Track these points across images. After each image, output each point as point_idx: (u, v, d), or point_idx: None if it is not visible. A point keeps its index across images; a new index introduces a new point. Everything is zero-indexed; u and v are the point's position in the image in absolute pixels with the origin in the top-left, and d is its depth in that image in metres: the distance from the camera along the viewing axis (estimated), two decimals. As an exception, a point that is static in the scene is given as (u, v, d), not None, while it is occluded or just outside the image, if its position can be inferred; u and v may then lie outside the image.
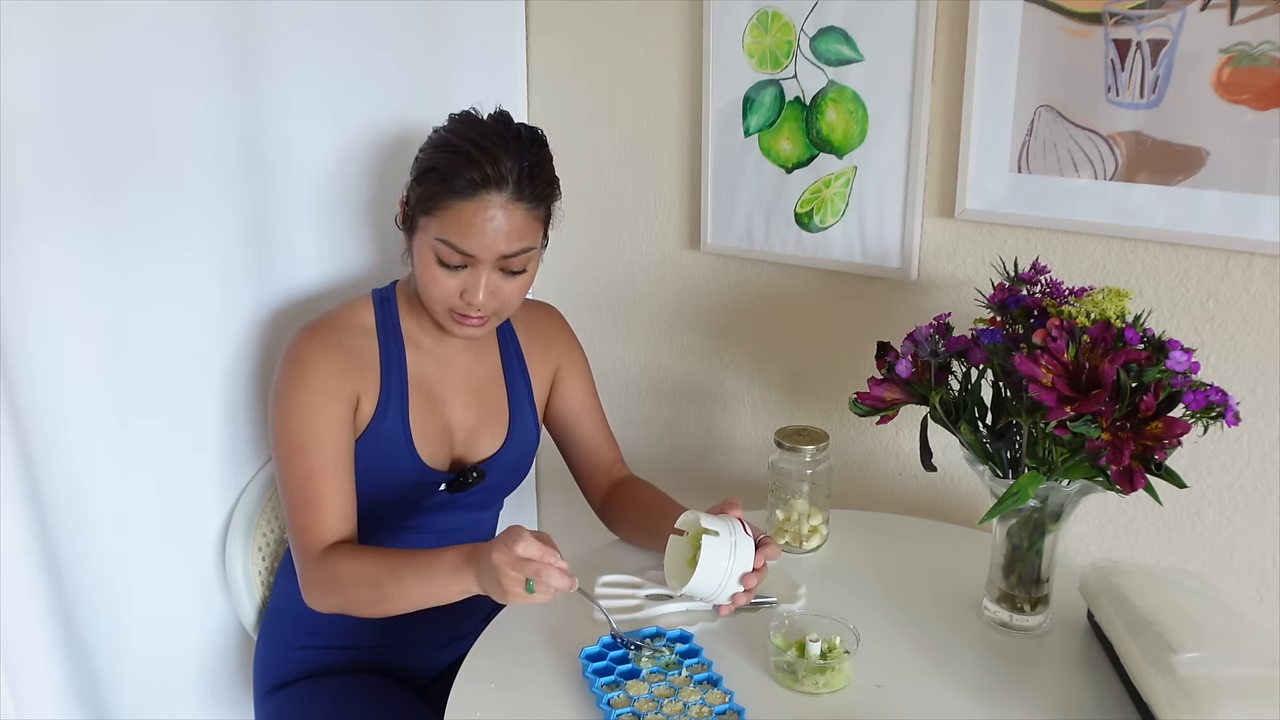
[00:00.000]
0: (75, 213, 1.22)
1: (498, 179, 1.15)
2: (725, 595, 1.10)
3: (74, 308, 1.24)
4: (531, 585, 1.02)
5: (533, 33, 1.78)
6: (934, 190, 1.43)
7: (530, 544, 1.03)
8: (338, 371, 1.23)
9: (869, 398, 1.15)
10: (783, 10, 1.48)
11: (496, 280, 1.20)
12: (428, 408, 1.30)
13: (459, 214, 1.16)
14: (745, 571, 1.09)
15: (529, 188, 1.18)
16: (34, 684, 1.28)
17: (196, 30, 1.29)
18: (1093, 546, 1.43)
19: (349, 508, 1.22)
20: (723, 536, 1.08)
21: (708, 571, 1.07)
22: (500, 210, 1.16)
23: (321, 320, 1.27)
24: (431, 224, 1.18)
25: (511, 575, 1.02)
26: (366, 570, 1.15)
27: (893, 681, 1.08)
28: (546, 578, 1.02)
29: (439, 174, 1.17)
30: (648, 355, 1.82)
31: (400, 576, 1.12)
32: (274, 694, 1.35)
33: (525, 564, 1.02)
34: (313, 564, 1.19)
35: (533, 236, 1.21)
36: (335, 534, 1.20)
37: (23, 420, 1.22)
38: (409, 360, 1.29)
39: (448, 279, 1.19)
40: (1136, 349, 0.97)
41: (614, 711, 1.00)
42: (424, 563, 1.12)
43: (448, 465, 1.32)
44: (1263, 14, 1.14)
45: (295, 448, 1.20)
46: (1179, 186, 1.24)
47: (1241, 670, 0.94)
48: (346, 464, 1.23)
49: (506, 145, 1.17)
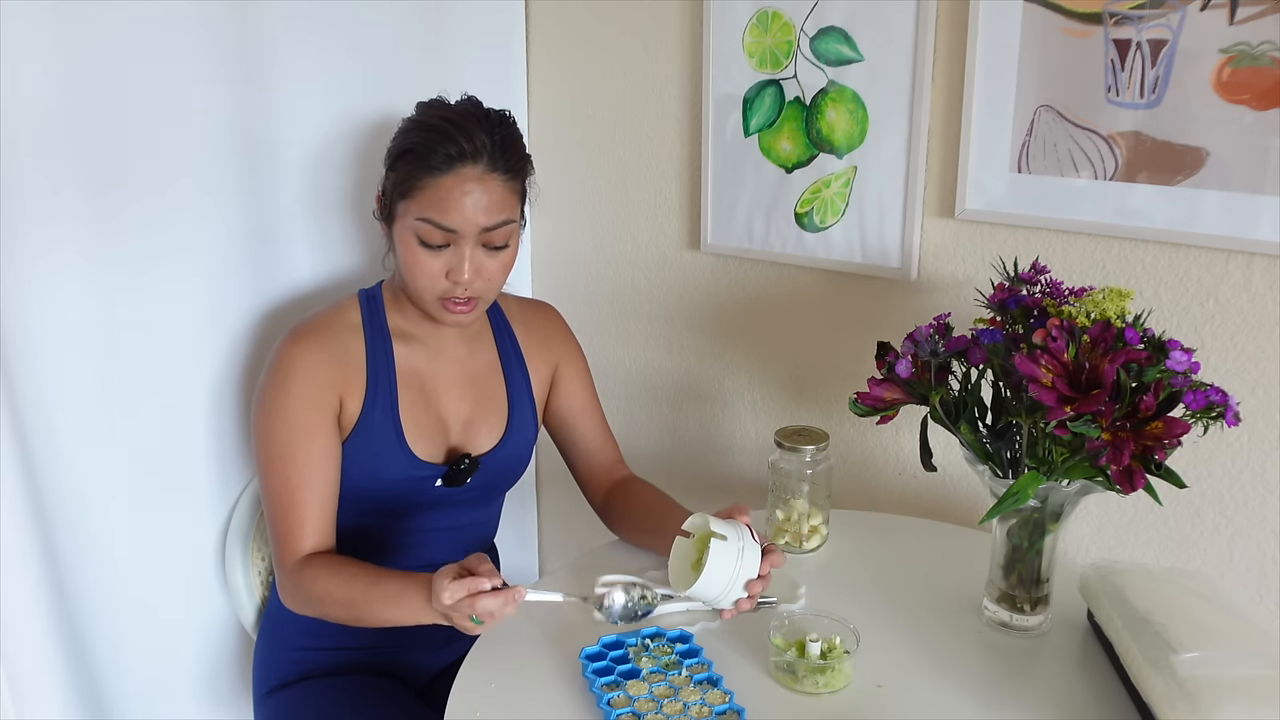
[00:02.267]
0: (75, 213, 1.22)
1: (473, 152, 1.16)
2: (729, 600, 1.09)
3: (74, 309, 1.25)
4: (476, 619, 1.02)
5: (533, 33, 1.78)
6: (934, 190, 1.43)
7: (450, 590, 1.00)
8: (321, 378, 1.22)
9: (869, 398, 1.15)
10: (783, 10, 1.48)
11: (480, 257, 1.21)
12: (420, 400, 1.30)
13: (437, 190, 1.17)
14: (751, 578, 1.08)
15: (503, 159, 1.19)
16: (34, 684, 1.28)
17: (196, 32, 1.29)
18: (1093, 546, 1.43)
19: (327, 519, 1.23)
20: (731, 541, 1.08)
21: (714, 575, 1.07)
22: (477, 183, 1.17)
23: (306, 324, 1.27)
24: (411, 207, 1.19)
25: (457, 619, 1.03)
26: (339, 592, 1.16)
27: (893, 681, 1.08)
28: (482, 609, 1.00)
29: (414, 154, 1.18)
30: (648, 355, 1.82)
31: (371, 602, 1.13)
32: (273, 695, 1.35)
33: (458, 606, 1.01)
34: (289, 573, 1.20)
35: (511, 209, 1.22)
36: (312, 545, 1.21)
37: (23, 420, 1.22)
38: (397, 353, 1.29)
39: (431, 260, 1.19)
40: (1136, 349, 0.97)
41: (614, 711, 1.00)
42: (395, 591, 1.11)
43: (443, 458, 1.32)
44: (1263, 14, 1.14)
45: (276, 456, 1.21)
46: (1179, 186, 1.24)
47: (1241, 670, 0.94)
48: (326, 475, 1.23)
49: (478, 121, 1.18)
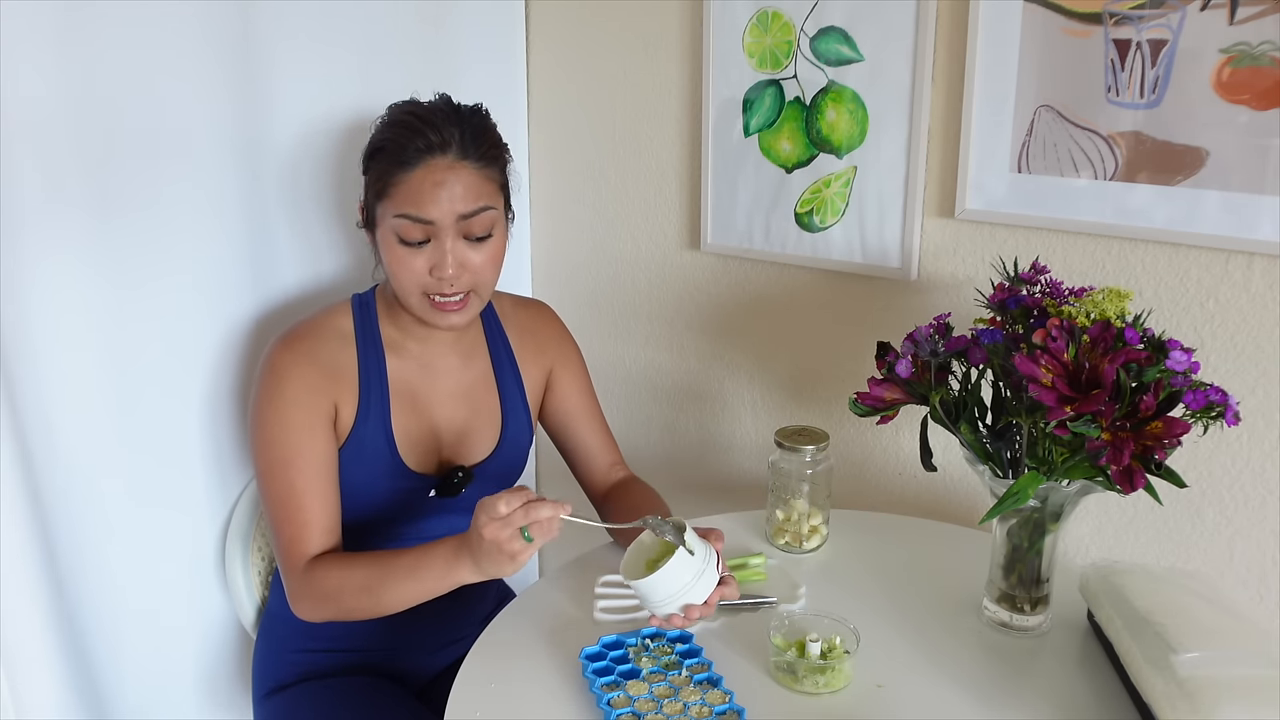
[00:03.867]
0: (75, 213, 1.22)
1: (440, 143, 1.17)
2: (663, 610, 1.06)
3: (73, 309, 1.25)
4: (527, 533, 1.01)
5: (533, 33, 1.78)
6: (934, 190, 1.43)
7: (505, 500, 1.02)
8: (313, 384, 1.22)
9: (869, 398, 1.15)
10: (783, 10, 1.48)
11: (462, 249, 1.19)
12: (412, 412, 1.29)
13: (409, 184, 1.17)
14: (694, 602, 1.05)
15: (475, 147, 1.19)
16: (34, 684, 1.28)
17: (196, 34, 1.29)
18: (1093, 546, 1.43)
19: (333, 519, 1.22)
20: (696, 558, 1.05)
21: (664, 581, 1.03)
22: (449, 171, 1.17)
23: (296, 330, 1.26)
24: (388, 206, 1.18)
25: (507, 535, 1.02)
26: (357, 578, 1.15)
27: (893, 681, 1.07)
28: (535, 514, 1.01)
29: (385, 152, 1.18)
30: (648, 355, 1.82)
31: (392, 578, 1.12)
32: (272, 696, 1.35)
33: (511, 518, 1.01)
34: (300, 578, 1.18)
35: (489, 196, 1.21)
36: (320, 546, 1.20)
37: (23, 420, 1.22)
38: (389, 365, 1.28)
39: (413, 258, 1.19)
40: (1136, 349, 0.97)
41: (614, 711, 1.00)
42: (414, 562, 1.12)
43: (436, 469, 1.31)
44: (1263, 14, 1.14)
45: (276, 462, 1.20)
46: (1179, 186, 1.24)
47: (1241, 670, 0.94)
48: (328, 476, 1.22)
49: (447, 115, 1.19)
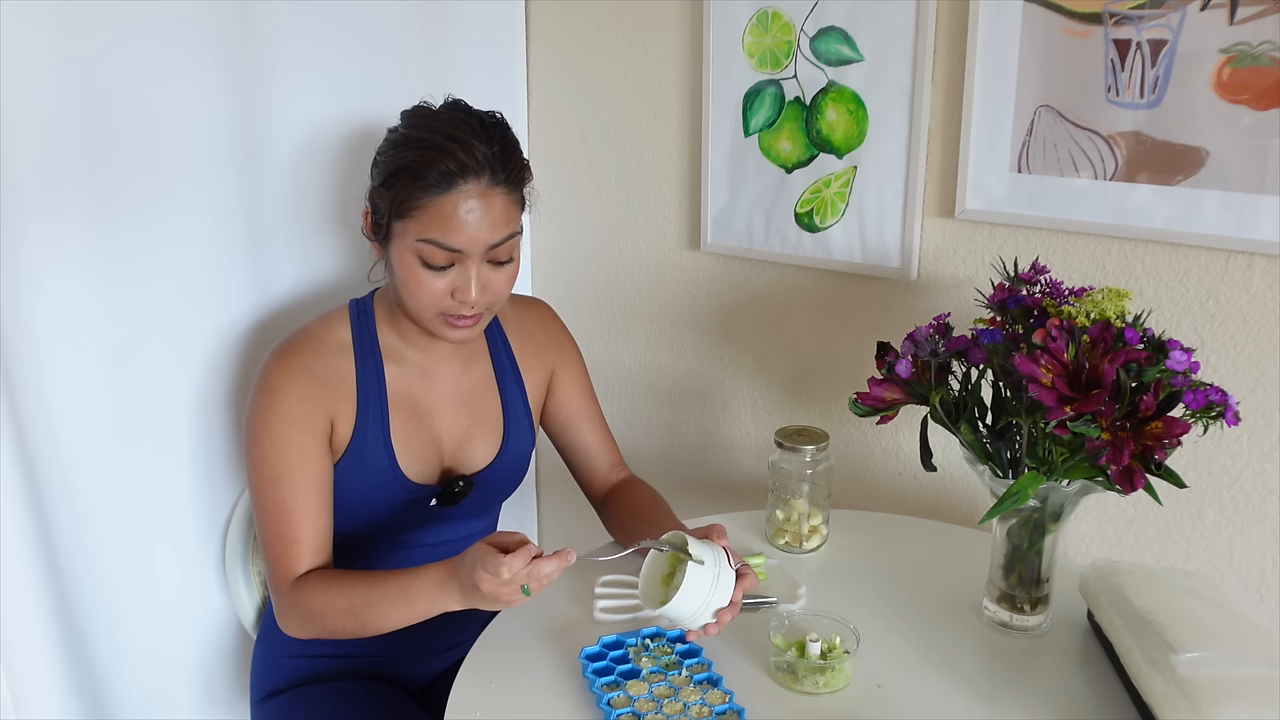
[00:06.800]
0: (73, 215, 1.22)
1: (474, 166, 1.11)
2: (697, 623, 1.06)
3: (74, 309, 1.24)
4: (527, 589, 1.01)
5: (533, 33, 1.78)
6: (934, 190, 1.43)
7: (508, 565, 0.99)
8: (310, 400, 1.19)
9: (869, 398, 1.15)
10: (783, 10, 1.48)
11: (486, 273, 1.17)
12: (411, 422, 1.27)
13: (439, 209, 1.12)
14: (721, 606, 1.05)
15: (504, 170, 1.14)
16: (34, 684, 1.28)
17: (196, 36, 1.29)
18: (1093, 546, 1.43)
19: (324, 538, 1.20)
20: (707, 566, 1.05)
21: (686, 599, 1.04)
22: (480, 199, 1.12)
23: (292, 341, 1.23)
24: (409, 226, 1.13)
25: (507, 593, 1.02)
26: (342, 601, 1.13)
27: (893, 681, 1.08)
28: (538, 574, 1.00)
29: (410, 172, 1.12)
30: (648, 355, 1.82)
31: (376, 604, 1.11)
32: (270, 700, 1.35)
33: (515, 579, 1.00)
34: (286, 596, 1.17)
35: (515, 221, 1.17)
36: (308, 564, 1.18)
37: (23, 421, 1.22)
38: (388, 374, 1.26)
39: (435, 281, 1.15)
40: (1136, 349, 0.97)
41: (614, 711, 1.00)
42: (400, 587, 1.10)
43: (438, 478, 1.30)
44: (1263, 14, 1.14)
45: (267, 479, 1.18)
46: (1179, 186, 1.24)
47: (1241, 670, 0.94)
48: (320, 494, 1.20)
49: (474, 131, 1.13)
